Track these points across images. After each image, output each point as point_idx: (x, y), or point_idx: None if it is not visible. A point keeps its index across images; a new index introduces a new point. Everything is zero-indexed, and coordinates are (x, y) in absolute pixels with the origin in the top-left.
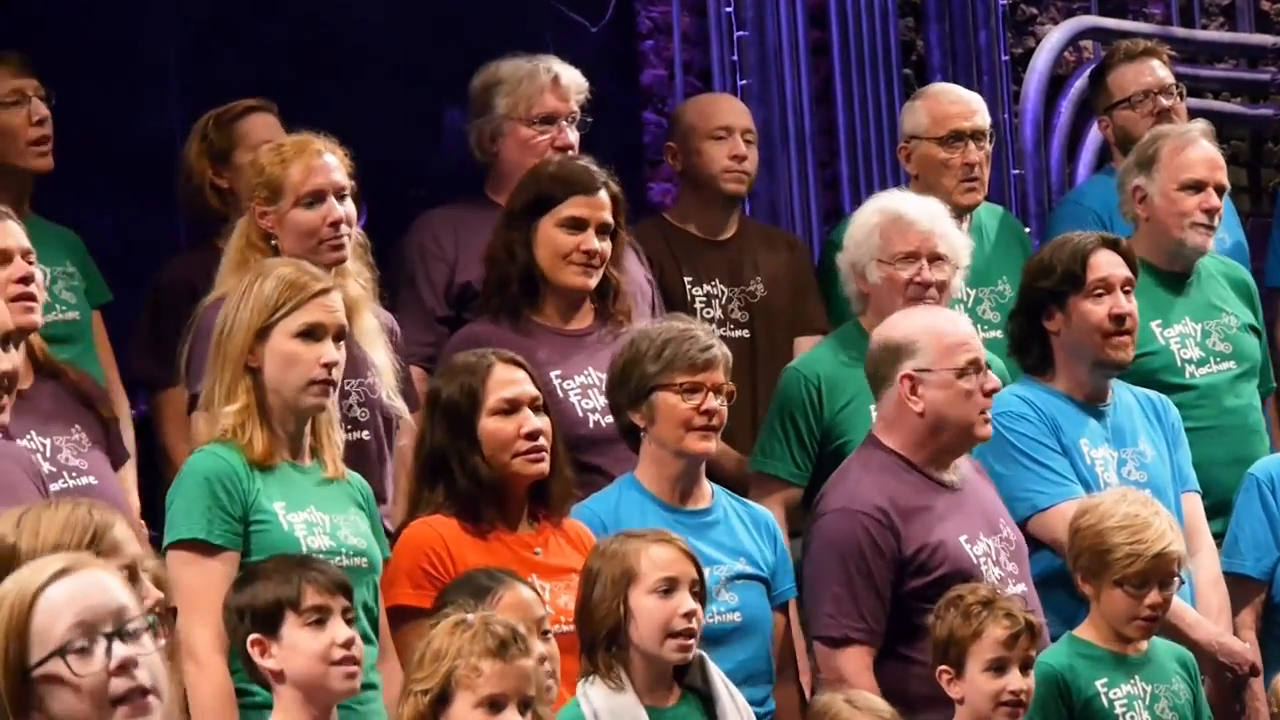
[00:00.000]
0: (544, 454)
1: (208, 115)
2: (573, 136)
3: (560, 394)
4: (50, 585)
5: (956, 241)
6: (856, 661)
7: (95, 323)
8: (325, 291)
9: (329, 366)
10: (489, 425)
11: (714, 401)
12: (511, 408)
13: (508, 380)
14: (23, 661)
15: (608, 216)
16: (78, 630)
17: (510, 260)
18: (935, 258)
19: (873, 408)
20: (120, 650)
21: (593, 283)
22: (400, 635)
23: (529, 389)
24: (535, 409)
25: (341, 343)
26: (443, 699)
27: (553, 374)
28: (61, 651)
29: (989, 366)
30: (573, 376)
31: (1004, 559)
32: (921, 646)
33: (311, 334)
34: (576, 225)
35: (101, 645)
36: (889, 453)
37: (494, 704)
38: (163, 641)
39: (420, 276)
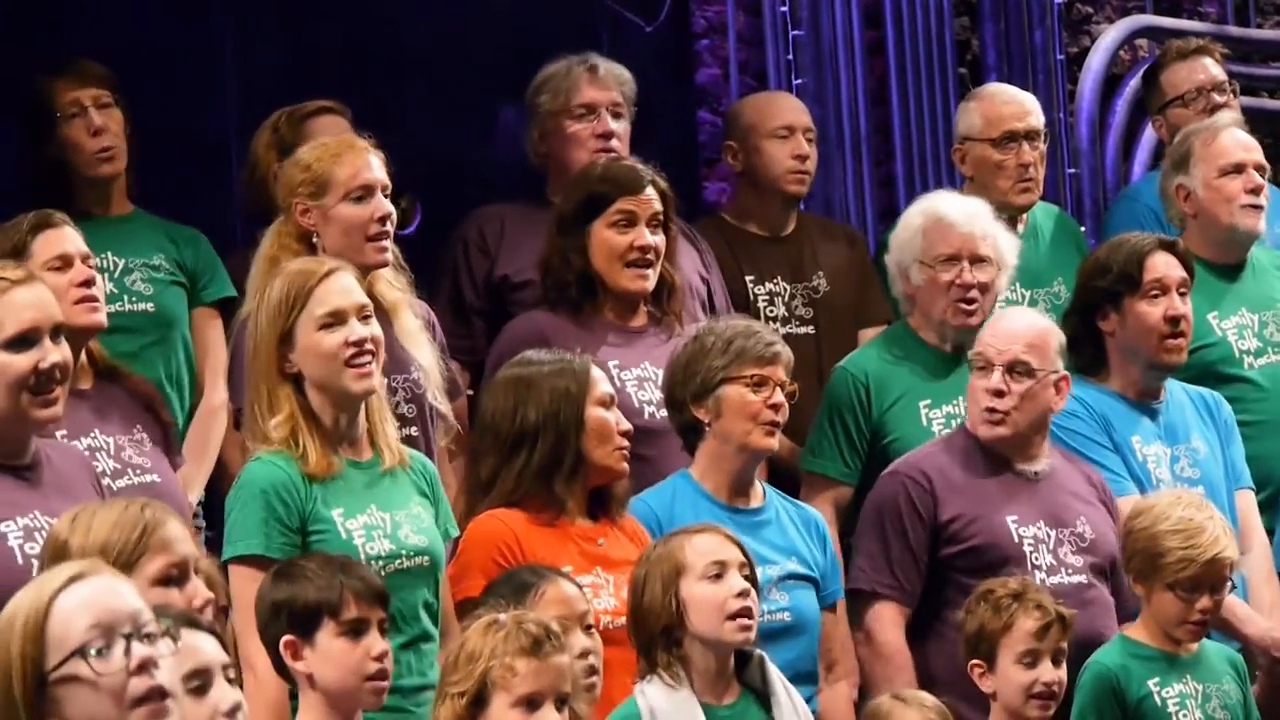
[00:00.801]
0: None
1: (282, 110)
2: (615, 125)
3: (618, 383)
4: (64, 591)
5: (1001, 242)
6: (885, 617)
7: (202, 318)
8: (332, 273)
9: (358, 343)
10: (595, 414)
11: (779, 396)
12: (612, 403)
13: (603, 378)
14: (40, 667)
15: (658, 207)
16: (96, 631)
17: (566, 267)
18: (977, 259)
19: (921, 405)
20: (140, 650)
21: (650, 285)
22: None
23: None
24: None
25: (370, 320)
26: (479, 700)
27: (611, 364)
28: (81, 651)
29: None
30: (630, 368)
31: (1064, 551)
32: (947, 617)
33: (333, 321)
34: (628, 222)
35: (120, 645)
36: (969, 438)
37: (531, 702)
38: (180, 645)
39: (461, 268)
